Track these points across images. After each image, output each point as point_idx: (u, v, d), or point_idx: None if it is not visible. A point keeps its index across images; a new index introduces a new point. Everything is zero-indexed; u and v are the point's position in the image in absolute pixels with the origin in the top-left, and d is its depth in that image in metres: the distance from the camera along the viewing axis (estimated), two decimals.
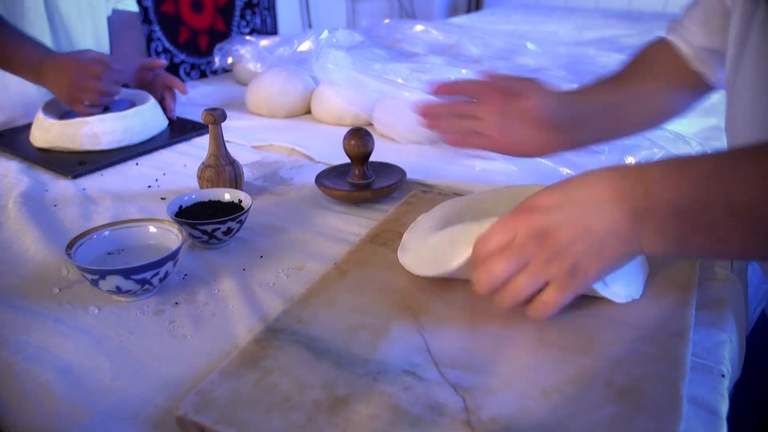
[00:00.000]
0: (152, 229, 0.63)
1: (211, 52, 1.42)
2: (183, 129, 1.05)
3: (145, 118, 1.00)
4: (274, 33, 3.06)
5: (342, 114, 1.10)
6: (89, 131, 0.94)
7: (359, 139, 0.76)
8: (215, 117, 0.73)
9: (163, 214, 0.68)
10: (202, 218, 0.65)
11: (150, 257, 0.55)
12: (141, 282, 0.55)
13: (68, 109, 1.01)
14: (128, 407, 0.44)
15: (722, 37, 0.61)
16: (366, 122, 1.09)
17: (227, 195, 0.71)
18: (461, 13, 3.01)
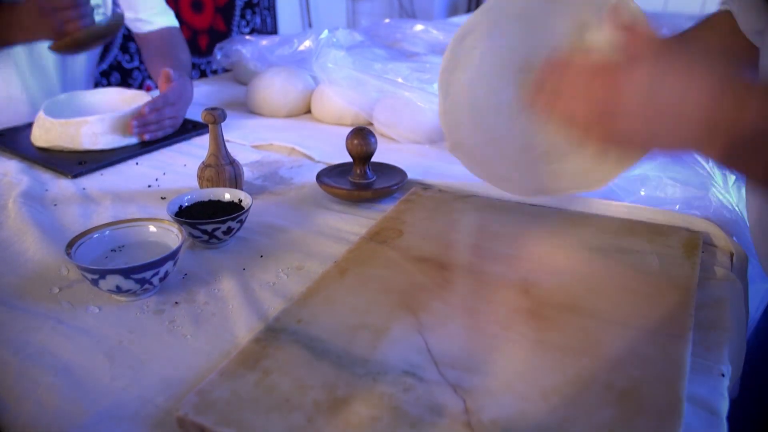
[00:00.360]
0: (152, 229, 0.63)
1: (211, 52, 1.42)
2: (183, 128, 1.05)
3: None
4: (274, 33, 3.06)
5: (342, 114, 1.10)
6: (89, 131, 0.94)
7: (362, 139, 0.76)
8: (215, 116, 0.73)
9: (163, 214, 0.68)
10: (202, 218, 0.65)
11: (150, 257, 0.55)
12: (141, 281, 0.55)
13: (69, 109, 1.01)
14: (128, 407, 0.44)
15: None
16: (366, 122, 1.09)
17: (227, 195, 0.71)
18: (461, 13, 3.01)
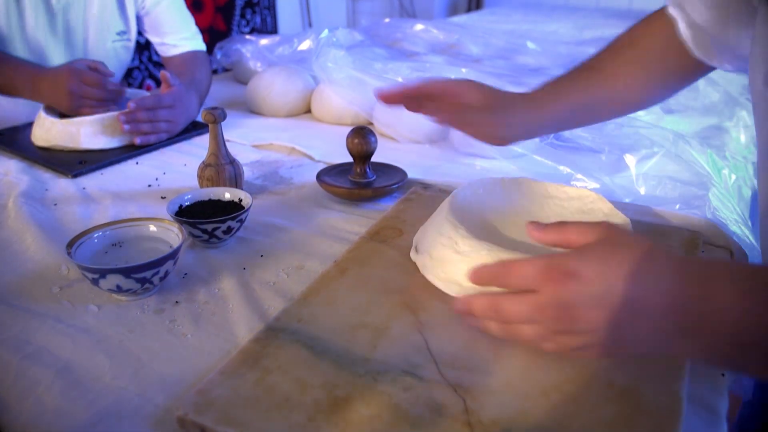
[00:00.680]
0: (152, 228, 0.63)
1: (211, 52, 1.41)
2: (183, 128, 1.05)
3: None
4: (274, 32, 3.06)
5: (342, 113, 1.10)
6: (90, 130, 0.94)
7: (362, 138, 0.76)
8: (215, 116, 0.73)
9: (164, 213, 0.68)
10: (203, 217, 0.65)
11: (150, 256, 0.55)
12: (141, 281, 0.55)
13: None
14: (128, 406, 0.44)
15: (728, 19, 0.55)
16: (366, 121, 1.09)
17: (227, 194, 0.71)
18: (461, 12, 3.01)
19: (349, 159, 0.80)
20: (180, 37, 1.22)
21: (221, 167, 0.75)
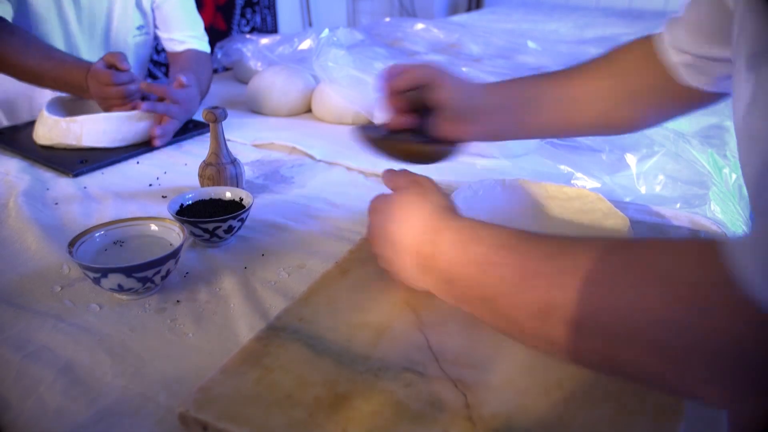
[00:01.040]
0: (153, 228, 0.63)
1: (212, 51, 1.42)
2: (184, 127, 1.05)
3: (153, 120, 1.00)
4: (275, 31, 3.06)
5: (342, 112, 1.10)
6: (93, 129, 0.94)
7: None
8: (216, 115, 0.73)
9: (165, 213, 0.68)
10: (204, 216, 0.65)
11: (152, 255, 0.55)
12: (143, 280, 0.55)
13: (71, 107, 1.02)
14: (129, 405, 0.45)
15: (720, 44, 0.52)
16: (367, 121, 1.09)
17: (228, 193, 0.71)
18: (462, 12, 3.01)
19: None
20: (188, 35, 1.25)
21: (222, 166, 0.75)
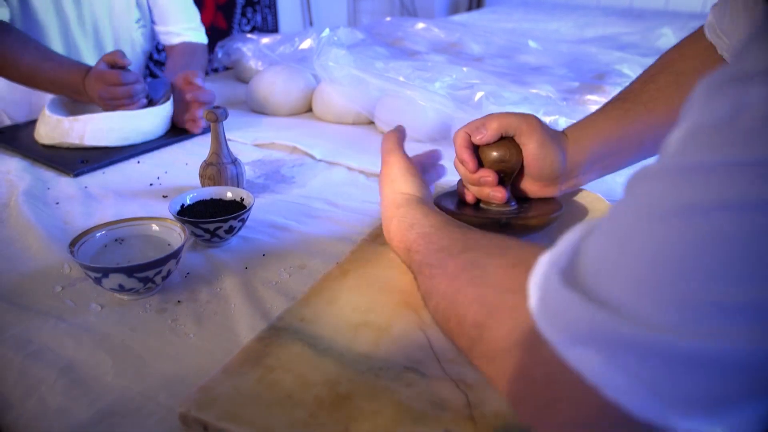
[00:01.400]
0: (155, 228, 0.63)
1: (212, 50, 1.42)
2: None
3: (157, 120, 1.00)
4: (275, 31, 3.06)
5: (343, 112, 1.10)
6: (95, 127, 0.94)
7: (508, 149, 0.59)
8: (217, 115, 0.73)
9: (165, 213, 0.68)
10: (204, 216, 0.65)
11: (152, 256, 0.55)
12: (144, 280, 0.55)
13: (71, 106, 1.02)
14: (130, 405, 0.45)
15: None
16: (367, 121, 1.09)
17: (229, 193, 0.71)
18: (462, 11, 3.01)
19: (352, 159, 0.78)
20: (184, 27, 1.27)
21: (223, 166, 0.75)
